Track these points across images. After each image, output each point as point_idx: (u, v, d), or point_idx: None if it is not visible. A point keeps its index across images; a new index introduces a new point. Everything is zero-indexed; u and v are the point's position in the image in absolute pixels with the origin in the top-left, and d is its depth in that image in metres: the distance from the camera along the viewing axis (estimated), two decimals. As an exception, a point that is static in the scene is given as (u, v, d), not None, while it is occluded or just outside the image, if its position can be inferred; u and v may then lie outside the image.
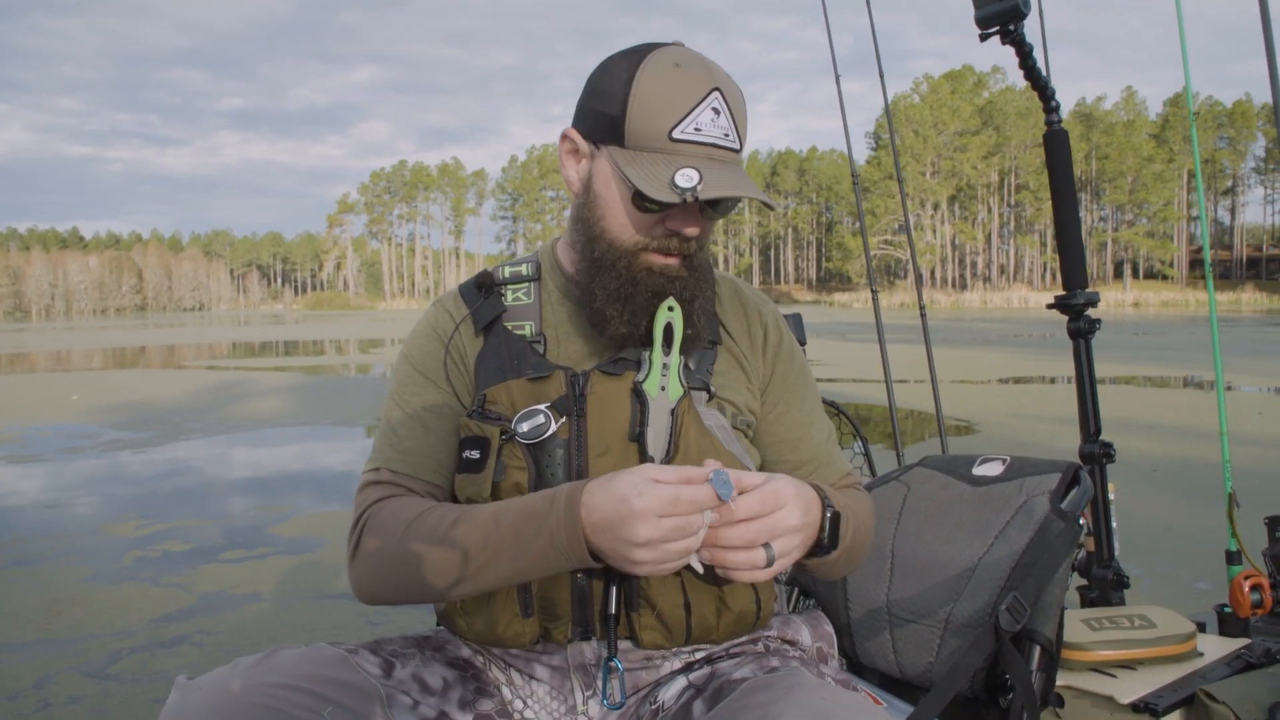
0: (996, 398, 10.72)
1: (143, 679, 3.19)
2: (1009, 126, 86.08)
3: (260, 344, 29.51)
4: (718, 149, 1.18)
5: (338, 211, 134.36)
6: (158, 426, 9.79)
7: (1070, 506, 1.62)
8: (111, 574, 4.45)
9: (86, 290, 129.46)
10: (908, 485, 1.87)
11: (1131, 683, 1.79)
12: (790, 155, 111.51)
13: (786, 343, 1.38)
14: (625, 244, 1.21)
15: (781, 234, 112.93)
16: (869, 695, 1.27)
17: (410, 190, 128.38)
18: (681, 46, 1.22)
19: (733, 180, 1.16)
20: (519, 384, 1.22)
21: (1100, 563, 2.29)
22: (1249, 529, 2.37)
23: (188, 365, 20.19)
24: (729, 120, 1.18)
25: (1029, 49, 2.25)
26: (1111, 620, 1.93)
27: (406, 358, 1.35)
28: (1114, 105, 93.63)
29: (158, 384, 15.30)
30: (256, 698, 1.05)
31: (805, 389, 1.38)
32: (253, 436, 9.09)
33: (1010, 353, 18.39)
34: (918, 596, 1.70)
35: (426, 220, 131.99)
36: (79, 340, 34.77)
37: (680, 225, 1.20)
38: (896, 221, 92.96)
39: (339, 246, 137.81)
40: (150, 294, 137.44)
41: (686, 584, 1.18)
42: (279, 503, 6.05)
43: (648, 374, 1.21)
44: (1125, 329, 30.93)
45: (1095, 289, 2.50)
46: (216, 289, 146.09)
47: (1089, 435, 2.38)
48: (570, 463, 1.19)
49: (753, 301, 1.39)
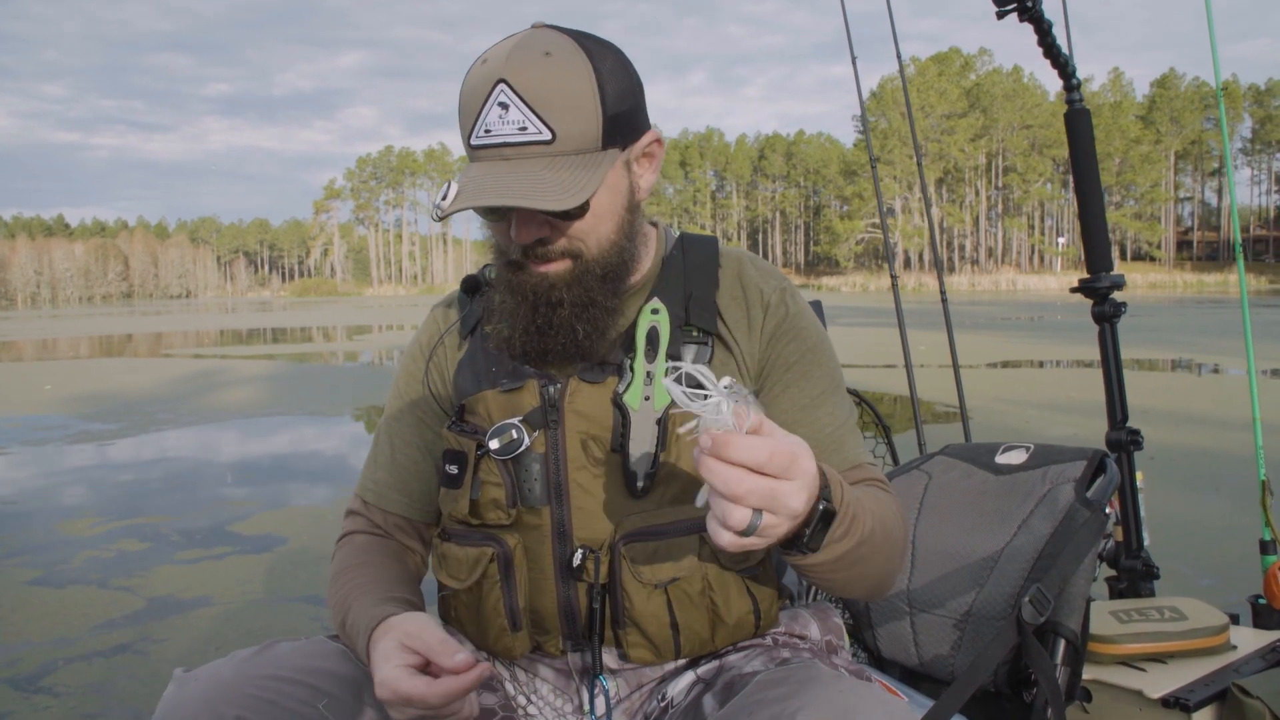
0: (986, 383, 10.54)
1: (75, 692, 2.99)
2: (996, 109, 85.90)
3: (243, 331, 29.20)
4: (511, 146, 1.07)
5: (324, 198, 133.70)
6: (128, 417, 9.55)
7: (1096, 495, 1.58)
8: (59, 576, 4.25)
9: (72, 278, 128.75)
10: (929, 474, 1.83)
11: (1161, 677, 1.73)
12: (778, 139, 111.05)
13: (792, 321, 1.24)
14: (499, 259, 1.18)
15: (769, 218, 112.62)
16: (884, 686, 1.21)
17: (397, 176, 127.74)
18: (522, 32, 1.11)
19: (502, 185, 1.05)
20: (493, 395, 1.19)
21: (1129, 553, 2.22)
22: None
23: (167, 354, 19.91)
24: (523, 110, 1.05)
25: (1048, 25, 2.20)
26: (1140, 612, 1.87)
27: (397, 375, 1.37)
28: (1101, 87, 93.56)
29: (134, 373, 15.04)
30: (252, 689, 1.05)
31: (812, 368, 1.23)
32: (224, 428, 8.87)
33: (998, 336, 18.12)
34: (939, 587, 1.66)
35: (414, 206, 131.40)
36: (62, 328, 34.38)
37: (516, 233, 1.12)
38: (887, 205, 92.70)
39: (326, 233, 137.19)
40: (136, 281, 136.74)
41: (674, 602, 1.14)
42: (243, 498, 5.84)
43: (629, 384, 1.15)
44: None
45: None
46: (203, 276, 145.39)
47: (1116, 422, 2.31)
48: (548, 478, 1.16)
49: (754, 281, 1.25)
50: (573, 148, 1.07)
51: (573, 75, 1.06)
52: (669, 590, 1.13)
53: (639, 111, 1.15)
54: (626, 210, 1.16)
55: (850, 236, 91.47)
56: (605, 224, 1.13)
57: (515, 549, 1.17)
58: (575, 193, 1.05)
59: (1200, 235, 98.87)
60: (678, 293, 1.21)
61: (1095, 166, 2.36)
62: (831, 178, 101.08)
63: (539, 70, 1.05)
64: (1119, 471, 1.74)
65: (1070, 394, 9.61)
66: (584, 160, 1.07)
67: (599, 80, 1.08)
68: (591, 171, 1.07)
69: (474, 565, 1.19)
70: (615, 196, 1.13)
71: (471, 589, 1.20)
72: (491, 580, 1.18)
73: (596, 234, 1.13)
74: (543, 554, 1.17)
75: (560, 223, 1.11)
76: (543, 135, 1.06)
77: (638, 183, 1.17)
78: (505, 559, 1.17)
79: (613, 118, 1.09)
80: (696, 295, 1.21)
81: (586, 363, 1.18)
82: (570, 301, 1.13)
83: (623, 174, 1.14)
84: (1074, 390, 9.96)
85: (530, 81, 1.05)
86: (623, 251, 1.16)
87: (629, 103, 1.11)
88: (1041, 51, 2.22)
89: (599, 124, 1.08)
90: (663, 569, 1.13)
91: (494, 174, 1.06)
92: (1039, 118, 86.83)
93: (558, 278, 1.13)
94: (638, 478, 1.14)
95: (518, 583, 1.17)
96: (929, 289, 72.20)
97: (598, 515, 1.15)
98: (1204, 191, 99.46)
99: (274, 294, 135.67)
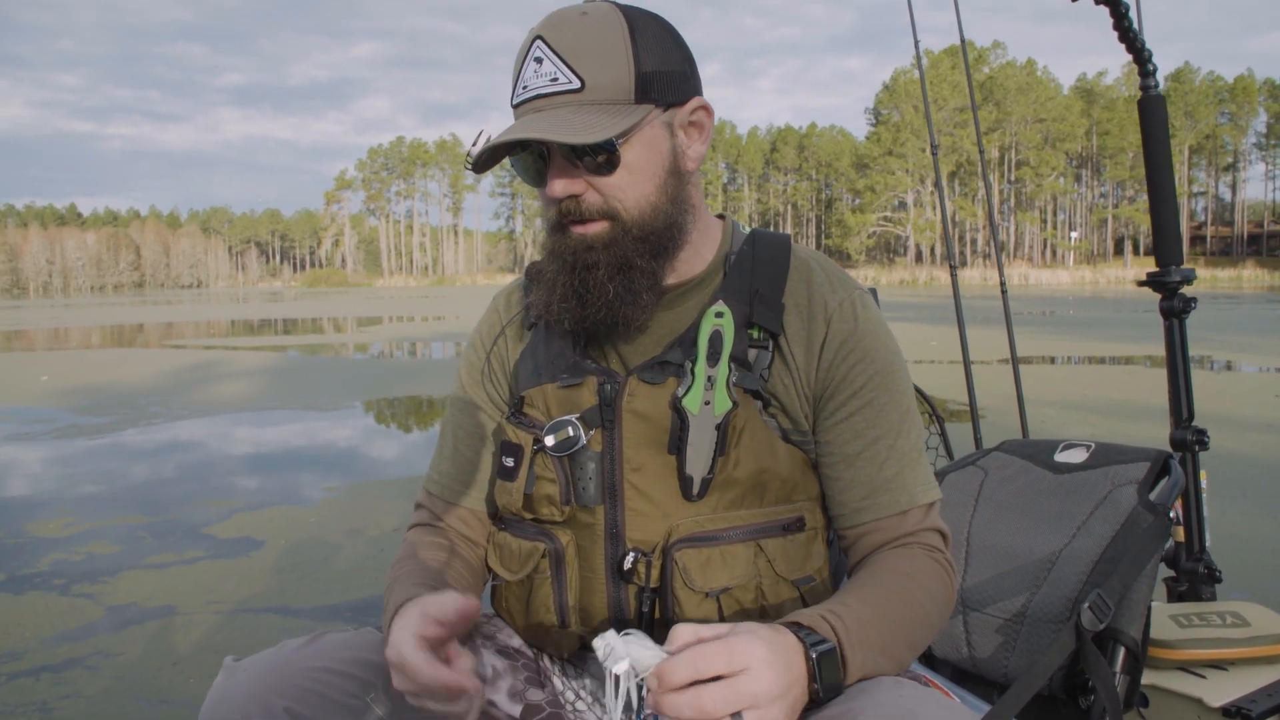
0: (998, 380, 10.28)
1: (18, 711, 2.79)
2: (1009, 102, 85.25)
3: (250, 321, 29.04)
4: (544, 98, 1.09)
5: (335, 188, 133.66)
6: (120, 410, 9.37)
7: (1160, 499, 1.54)
8: (21, 581, 4.04)
9: (84, 267, 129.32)
10: (985, 470, 1.80)
11: (1223, 684, 1.69)
12: (790, 132, 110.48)
13: (860, 338, 1.18)
14: (547, 224, 1.17)
15: (781, 210, 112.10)
16: (937, 687, 1.20)
17: (408, 167, 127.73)
18: (575, 2, 1.13)
19: (526, 127, 1.06)
20: (552, 389, 1.19)
21: (1190, 555, 2.15)
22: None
23: (169, 344, 19.73)
24: (555, 62, 1.08)
25: (1125, 8, 2.16)
26: (1201, 617, 1.82)
27: (459, 365, 1.36)
28: (1115, 81, 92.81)
29: (134, 364, 14.87)
30: (301, 680, 1.05)
31: (880, 394, 1.17)
32: (216, 422, 8.67)
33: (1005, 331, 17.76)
34: (993, 586, 1.63)
35: (425, 197, 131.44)
36: (72, 318, 34.28)
37: (549, 186, 1.11)
38: (896, 199, 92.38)
39: (337, 224, 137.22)
40: (148, 271, 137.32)
41: (725, 611, 1.12)
42: (225, 496, 5.63)
43: (689, 388, 1.13)
44: (1126, 306, 30.52)
45: (1098, 265, 2.20)
46: (214, 266, 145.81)
47: (1181, 421, 2.25)
48: (603, 477, 1.15)
49: (820, 290, 1.20)
50: (603, 97, 1.08)
51: (605, 29, 1.08)
52: (720, 599, 1.12)
53: (685, 79, 1.14)
54: (669, 173, 1.13)
55: (862, 230, 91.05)
56: (644, 183, 1.12)
57: (568, 546, 1.17)
58: (598, 131, 1.05)
59: (1214, 230, 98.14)
60: (743, 290, 1.18)
61: (1169, 155, 2.32)
62: (843, 170, 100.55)
63: (572, 25, 1.08)
64: (1183, 473, 1.69)
65: (1085, 391, 9.35)
66: (614, 109, 1.08)
67: (632, 35, 1.08)
68: (619, 119, 1.07)
69: (526, 558, 1.19)
70: (654, 156, 1.12)
71: (523, 582, 1.20)
72: (543, 575, 1.18)
73: (635, 193, 1.11)
74: (595, 553, 1.16)
75: (595, 179, 1.10)
76: (572, 84, 1.07)
77: (684, 149, 1.15)
78: (557, 555, 1.17)
79: (648, 74, 1.09)
80: (762, 294, 1.17)
81: (633, 347, 1.18)
82: (606, 263, 1.12)
83: (663, 134, 1.12)
84: (1089, 388, 9.70)
85: (563, 35, 1.08)
86: (665, 215, 1.13)
87: (670, 65, 1.11)
88: (1116, 36, 2.19)
89: (631, 76, 1.08)
90: (716, 576, 1.12)
91: (523, 122, 1.08)
92: (1052, 111, 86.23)
93: (595, 238, 1.12)
94: (694, 483, 1.12)
95: (568, 580, 1.17)
96: (940, 283, 71.83)
97: (651, 518, 1.14)
98: (1218, 186, 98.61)
99: (285, 284, 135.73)
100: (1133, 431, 6.98)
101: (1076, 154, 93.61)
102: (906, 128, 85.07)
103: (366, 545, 4.47)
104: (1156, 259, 2.31)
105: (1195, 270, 2.32)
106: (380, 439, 7.83)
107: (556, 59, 1.07)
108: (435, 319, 28.64)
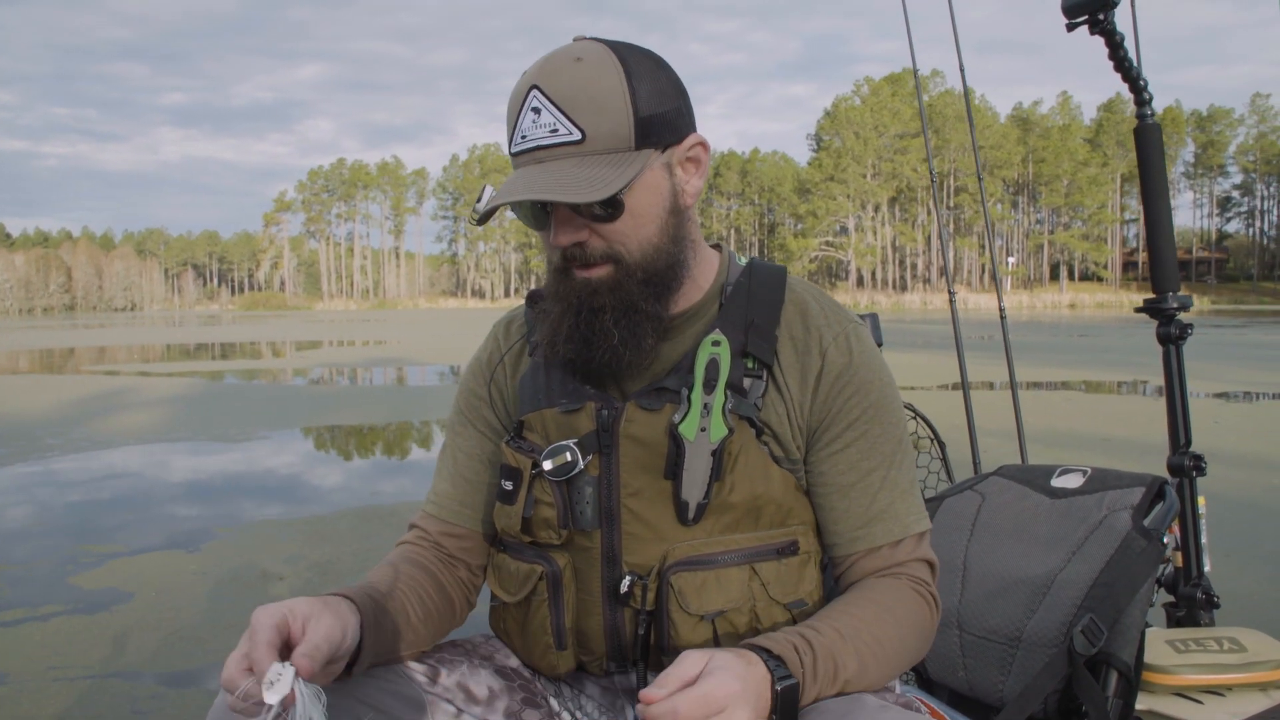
0: (940, 405, 10.08)
1: None
2: (948, 129, 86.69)
3: (187, 345, 28.10)
4: (544, 149, 1.08)
5: (274, 210, 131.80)
6: (14, 443, 8.76)
7: (1153, 524, 1.57)
8: None
9: (11, 289, 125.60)
10: (983, 495, 1.83)
11: (1218, 710, 1.70)
12: (733, 157, 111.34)
13: (854, 371, 1.20)
14: (549, 269, 1.19)
15: (724, 234, 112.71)
16: (933, 712, 1.25)
17: (349, 189, 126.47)
18: (566, 45, 1.13)
19: (532, 183, 1.07)
20: (551, 414, 1.20)
21: (1188, 580, 2.17)
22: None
23: (87, 370, 18.93)
24: (554, 113, 1.07)
25: (1120, 39, 2.20)
26: (1199, 642, 1.83)
27: (458, 394, 1.37)
28: (1050, 110, 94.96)
29: (42, 391, 14.15)
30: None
31: (873, 426, 1.20)
32: (116, 455, 8.12)
33: (950, 356, 17.76)
34: (990, 610, 1.65)
35: (366, 219, 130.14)
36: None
37: (554, 236, 1.13)
38: (838, 223, 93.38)
39: (276, 246, 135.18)
40: (80, 293, 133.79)
41: (720, 634, 1.14)
42: (104, 540, 5.14)
43: (685, 415, 1.14)
44: (1062, 330, 30.85)
45: (1034, 290, 2.00)
46: (149, 288, 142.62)
47: (1178, 447, 2.25)
48: (600, 501, 1.16)
49: (815, 324, 1.22)
50: (604, 147, 1.08)
51: (602, 76, 1.07)
52: (715, 622, 1.14)
53: (680, 116, 1.14)
54: (669, 213, 1.15)
55: (804, 254, 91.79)
56: (646, 226, 1.13)
57: (565, 569, 1.18)
58: (602, 187, 1.05)
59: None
60: (739, 320, 1.19)
61: (1165, 183, 2.32)
62: (786, 195, 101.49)
63: (568, 74, 1.08)
64: (1178, 499, 1.70)
65: (1050, 421, 9.16)
66: (616, 159, 1.08)
67: (629, 81, 1.08)
68: (622, 169, 1.07)
69: (524, 581, 1.21)
70: (656, 198, 1.12)
71: (521, 604, 1.22)
72: (540, 598, 1.20)
73: (638, 236, 1.12)
74: (591, 576, 1.18)
75: (599, 225, 1.11)
76: (573, 135, 1.07)
77: (682, 187, 1.16)
78: (554, 578, 1.18)
79: (646, 119, 1.09)
80: (757, 324, 1.19)
81: (631, 373, 1.19)
82: (612, 307, 1.13)
83: (663, 176, 1.13)
84: (1053, 417, 9.52)
85: (560, 85, 1.07)
86: (667, 255, 1.15)
87: (666, 105, 1.11)
88: (1112, 65, 2.24)
89: (630, 123, 1.08)
90: (711, 599, 1.14)
91: (526, 176, 1.08)
92: (989, 139, 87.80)
93: (599, 282, 1.13)
94: (689, 507, 1.14)
95: (565, 602, 1.19)
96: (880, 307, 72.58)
97: (648, 541, 1.16)
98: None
99: (222, 307, 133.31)
100: (1071, 459, 6.77)
101: (1013, 181, 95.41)
102: (848, 154, 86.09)
103: (250, 596, 4.03)
104: (1153, 285, 2.35)
105: (1192, 297, 2.31)
106: (288, 475, 7.34)
107: (555, 109, 1.07)
108: (377, 343, 28.02)
